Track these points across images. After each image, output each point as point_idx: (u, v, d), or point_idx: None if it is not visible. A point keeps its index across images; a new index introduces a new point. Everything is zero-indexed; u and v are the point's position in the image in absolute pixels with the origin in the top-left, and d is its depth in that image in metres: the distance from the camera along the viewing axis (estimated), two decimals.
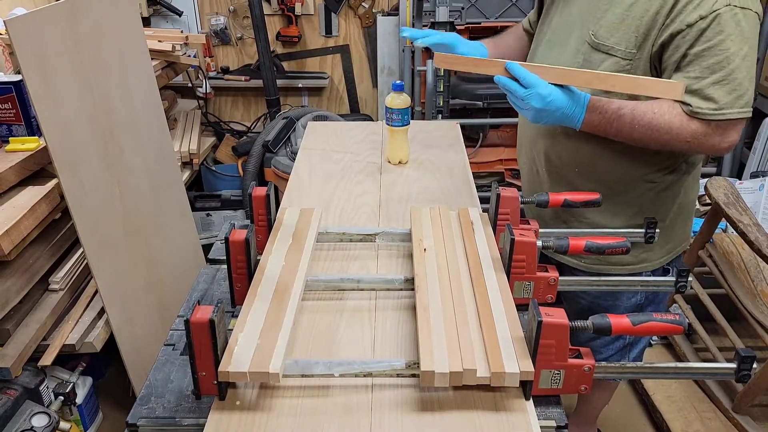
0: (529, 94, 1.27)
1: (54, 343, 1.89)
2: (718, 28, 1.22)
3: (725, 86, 1.24)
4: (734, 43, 1.22)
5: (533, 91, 1.26)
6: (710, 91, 1.25)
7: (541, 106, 1.27)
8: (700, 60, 1.24)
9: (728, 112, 1.25)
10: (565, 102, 1.28)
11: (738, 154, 3.34)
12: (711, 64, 1.24)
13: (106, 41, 2.06)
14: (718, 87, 1.24)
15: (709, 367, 1.05)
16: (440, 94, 3.07)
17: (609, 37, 1.33)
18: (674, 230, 1.55)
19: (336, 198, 1.56)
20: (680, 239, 1.59)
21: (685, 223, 1.58)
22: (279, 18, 3.65)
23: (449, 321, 1.03)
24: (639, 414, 2.39)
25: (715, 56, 1.23)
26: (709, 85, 1.24)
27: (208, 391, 0.95)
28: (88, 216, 1.86)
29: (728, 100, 1.24)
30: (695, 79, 1.25)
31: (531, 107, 1.28)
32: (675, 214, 1.52)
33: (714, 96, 1.25)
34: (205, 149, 3.34)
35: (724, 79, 1.23)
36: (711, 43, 1.23)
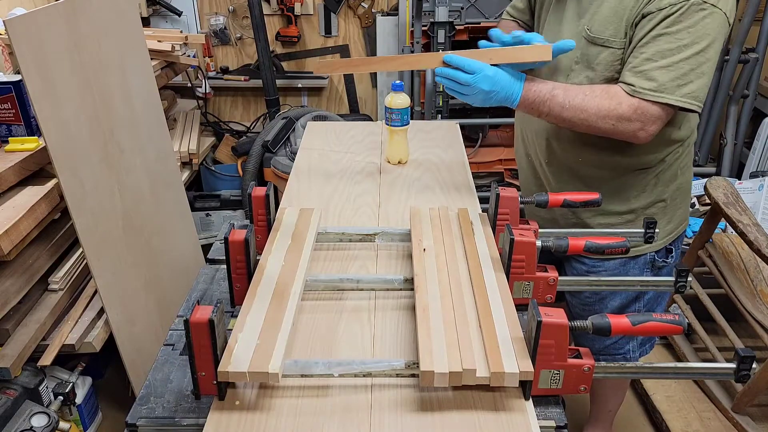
0: (477, 78, 1.31)
1: (53, 343, 1.89)
2: (680, 18, 1.26)
3: (670, 72, 1.28)
4: (691, 35, 1.26)
5: (481, 75, 1.31)
6: (655, 73, 1.29)
7: (489, 87, 1.31)
8: (656, 43, 1.29)
9: (667, 96, 1.29)
10: (508, 81, 1.33)
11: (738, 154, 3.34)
12: (663, 50, 1.28)
13: (106, 41, 2.05)
14: (663, 71, 1.28)
15: (708, 367, 1.05)
16: (440, 94, 3.07)
17: (604, 30, 1.37)
18: (675, 210, 1.58)
19: (335, 198, 1.56)
20: (681, 219, 1.62)
21: (684, 201, 1.61)
22: (278, 18, 3.65)
23: (449, 321, 1.03)
24: (639, 414, 2.39)
25: (669, 42, 1.28)
26: (656, 68, 1.29)
27: (207, 391, 0.95)
28: (88, 216, 1.86)
29: (669, 84, 1.28)
30: (646, 60, 1.30)
31: (480, 90, 1.31)
32: (674, 194, 1.56)
33: (656, 77, 1.29)
34: (204, 149, 3.33)
35: (671, 65, 1.28)
36: (669, 29, 1.27)
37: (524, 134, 1.67)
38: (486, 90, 1.31)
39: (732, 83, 3.28)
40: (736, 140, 3.33)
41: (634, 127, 1.32)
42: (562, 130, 1.50)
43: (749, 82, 3.24)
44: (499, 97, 1.34)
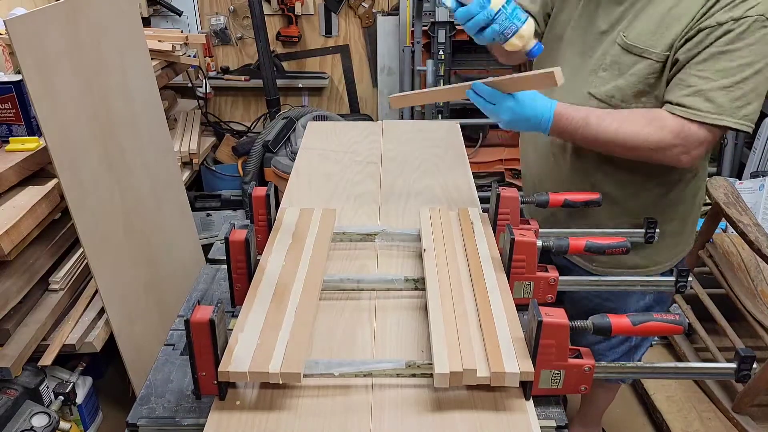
0: (498, 108, 1.29)
1: (54, 343, 1.89)
2: (743, 35, 1.19)
3: (730, 93, 1.21)
4: (753, 53, 1.19)
5: (502, 106, 1.29)
6: (714, 94, 1.21)
7: (510, 117, 1.29)
8: (715, 61, 1.21)
9: (725, 119, 1.22)
10: (530, 111, 1.29)
11: (738, 154, 3.34)
12: (724, 68, 1.21)
13: (106, 41, 2.05)
14: (723, 92, 1.21)
15: (709, 367, 1.06)
16: None
17: (643, 39, 1.29)
18: (684, 232, 1.55)
19: (336, 198, 1.56)
20: (689, 241, 1.59)
21: (693, 224, 1.58)
22: (279, 18, 3.65)
23: (449, 321, 1.03)
24: (639, 414, 2.39)
25: (730, 60, 1.20)
26: (716, 88, 1.21)
27: (208, 391, 0.95)
28: (88, 216, 1.86)
29: (728, 106, 1.21)
30: (705, 79, 1.22)
31: (502, 119, 1.31)
32: (687, 214, 1.52)
33: (716, 99, 1.21)
34: (205, 149, 3.33)
35: (731, 86, 1.21)
36: (732, 46, 1.20)
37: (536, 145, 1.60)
38: (507, 120, 1.30)
39: None
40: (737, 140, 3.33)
41: (677, 151, 1.26)
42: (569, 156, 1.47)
43: None
44: (526, 126, 1.31)
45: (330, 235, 1.32)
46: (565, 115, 1.30)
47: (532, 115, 1.29)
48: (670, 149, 1.26)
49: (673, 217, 1.49)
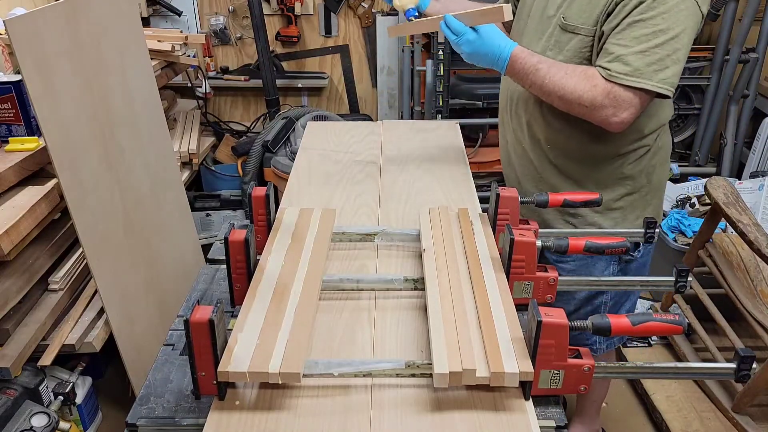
0: (459, 40, 1.40)
1: (53, 343, 1.89)
2: (654, 4, 1.29)
3: (646, 57, 1.31)
4: (665, 21, 1.29)
5: (462, 38, 1.39)
6: (631, 58, 1.31)
7: (470, 50, 1.40)
8: (632, 29, 1.32)
9: (643, 81, 1.31)
10: (489, 47, 1.39)
11: (738, 154, 3.34)
12: (639, 35, 1.31)
13: (106, 41, 2.05)
14: (639, 56, 1.31)
15: (708, 367, 1.06)
16: (440, 94, 3.07)
17: (576, 18, 1.42)
18: (646, 206, 1.61)
19: (335, 198, 1.56)
20: (652, 214, 1.63)
21: (655, 197, 1.64)
22: (278, 18, 3.65)
23: (449, 321, 1.03)
24: (638, 414, 2.39)
25: (645, 28, 1.30)
26: (632, 53, 1.31)
27: (207, 391, 0.95)
28: (88, 216, 1.86)
29: (645, 69, 1.31)
30: (622, 46, 1.32)
31: (463, 51, 1.42)
32: (645, 189, 1.59)
33: (632, 63, 1.31)
34: (204, 149, 3.33)
35: (647, 50, 1.31)
36: (645, 15, 1.30)
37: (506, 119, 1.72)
38: (467, 52, 1.41)
39: (732, 83, 3.28)
40: (736, 140, 3.34)
41: (607, 112, 1.35)
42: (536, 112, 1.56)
43: (749, 82, 3.24)
44: (484, 61, 1.42)
45: (330, 235, 1.32)
46: (521, 58, 1.40)
47: (490, 50, 1.40)
48: (601, 109, 1.36)
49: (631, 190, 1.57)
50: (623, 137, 1.49)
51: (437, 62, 3.00)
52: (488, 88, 3.09)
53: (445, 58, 2.99)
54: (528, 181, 1.68)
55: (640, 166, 1.55)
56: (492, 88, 3.08)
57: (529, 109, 1.59)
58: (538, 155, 1.62)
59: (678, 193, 3.09)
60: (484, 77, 3.19)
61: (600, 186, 1.56)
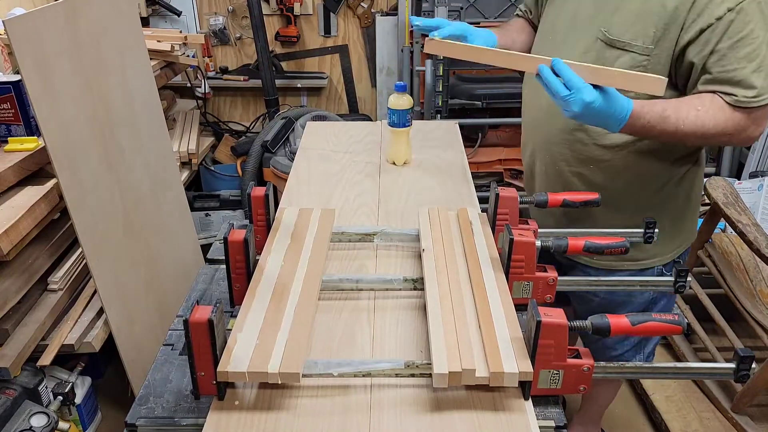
0: (572, 97, 1.19)
1: (53, 343, 1.88)
2: (746, 19, 1.23)
3: (761, 72, 1.25)
4: (762, 30, 1.24)
5: (576, 96, 1.19)
6: (752, 79, 1.25)
7: (580, 111, 1.20)
8: (734, 51, 1.25)
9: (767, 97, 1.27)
10: (605, 109, 1.22)
11: (737, 154, 3.34)
12: (747, 54, 1.25)
13: (106, 41, 2.05)
14: (757, 75, 1.25)
15: (708, 367, 1.06)
16: (439, 94, 3.07)
17: (624, 32, 1.32)
18: (684, 223, 1.56)
19: (335, 198, 1.56)
20: (690, 232, 1.60)
21: (693, 215, 1.60)
22: (278, 18, 3.65)
23: (448, 321, 1.03)
24: (638, 414, 2.39)
25: (748, 46, 1.24)
26: (749, 74, 1.25)
27: (207, 391, 0.95)
28: (88, 216, 1.86)
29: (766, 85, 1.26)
30: (735, 70, 1.26)
31: (571, 110, 1.21)
32: (684, 207, 1.54)
33: (755, 83, 1.25)
34: (203, 149, 3.33)
35: (760, 66, 1.25)
36: (742, 34, 1.24)
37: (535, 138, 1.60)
38: (576, 112, 1.20)
39: None
40: None
41: (750, 131, 1.30)
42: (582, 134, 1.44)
43: None
44: (593, 121, 1.25)
45: (329, 235, 1.32)
46: (643, 116, 1.26)
47: (612, 111, 1.23)
48: (744, 131, 1.30)
49: (669, 213, 1.51)
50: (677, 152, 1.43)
51: (436, 62, 3.00)
52: (488, 88, 3.09)
53: (444, 58, 2.99)
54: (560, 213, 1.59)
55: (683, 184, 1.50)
56: (492, 88, 3.08)
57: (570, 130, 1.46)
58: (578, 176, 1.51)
59: None
60: (484, 77, 3.19)
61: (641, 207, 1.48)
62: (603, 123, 1.25)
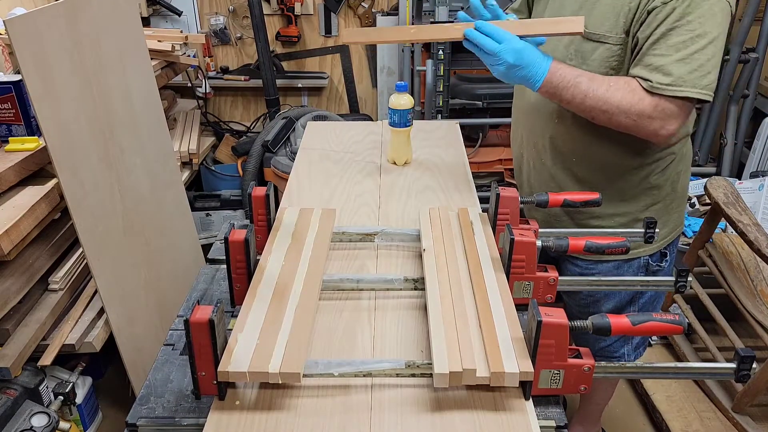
0: (503, 48, 1.27)
1: (53, 343, 1.89)
2: (689, 9, 1.24)
3: (687, 64, 1.26)
4: (702, 25, 1.25)
5: (508, 45, 1.27)
6: (672, 67, 1.26)
7: (514, 60, 1.27)
8: (668, 37, 1.27)
9: (687, 89, 1.26)
10: (534, 58, 1.29)
11: (738, 154, 3.34)
12: (677, 42, 1.26)
13: (106, 41, 2.05)
14: (680, 64, 1.26)
15: (708, 367, 1.05)
16: (440, 94, 3.07)
17: (600, 26, 1.36)
18: (671, 214, 1.58)
19: (335, 198, 1.56)
20: (676, 223, 1.61)
21: (680, 206, 1.61)
22: (278, 18, 3.65)
23: (449, 321, 1.03)
24: (639, 414, 2.39)
25: (682, 35, 1.25)
26: (672, 62, 1.26)
27: (207, 390, 0.95)
28: (88, 216, 1.86)
29: (687, 77, 1.26)
30: (660, 56, 1.27)
31: (504, 61, 1.28)
32: (670, 198, 1.55)
33: (674, 71, 1.26)
34: (204, 149, 3.33)
35: (687, 57, 1.25)
36: (680, 22, 1.25)
37: (522, 132, 1.65)
38: (510, 62, 1.27)
39: (732, 83, 3.28)
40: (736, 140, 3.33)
41: (655, 125, 1.30)
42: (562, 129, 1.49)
43: (749, 81, 3.24)
44: (522, 74, 1.30)
45: (330, 235, 1.32)
46: (560, 70, 1.31)
47: (532, 62, 1.29)
48: (650, 122, 1.30)
49: (656, 200, 1.53)
50: (654, 146, 1.44)
51: (437, 62, 3.00)
52: (488, 88, 3.09)
53: (444, 58, 2.99)
54: None
55: (666, 174, 1.51)
56: (492, 88, 3.08)
57: (552, 124, 1.51)
58: (561, 169, 1.55)
59: None
60: (484, 77, 3.19)
61: (626, 197, 1.52)
62: (528, 75, 1.30)
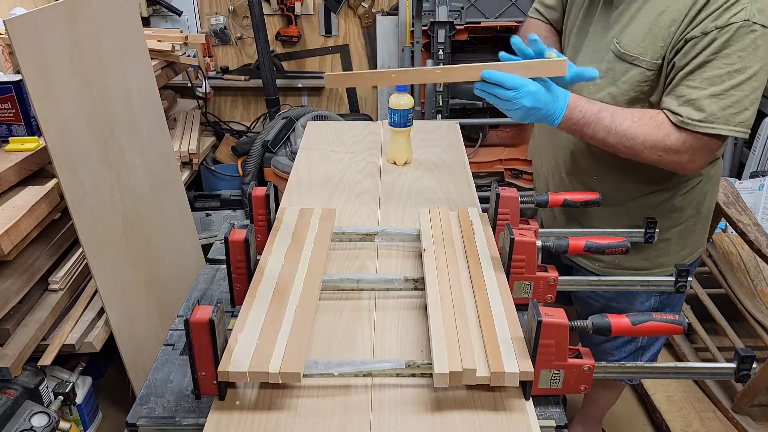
0: (520, 94, 1.22)
1: (54, 343, 1.88)
2: (729, 41, 1.17)
3: (722, 100, 1.19)
4: (742, 60, 1.17)
5: (524, 90, 1.22)
6: (704, 102, 1.20)
7: (531, 104, 1.23)
8: (703, 70, 1.20)
9: (719, 127, 1.20)
10: (550, 98, 1.25)
11: (738, 154, 3.34)
12: (712, 76, 1.19)
13: (106, 41, 2.05)
14: (714, 100, 1.19)
15: (708, 367, 1.06)
16: (440, 94, 3.07)
17: (634, 47, 1.29)
18: (694, 235, 1.52)
19: (335, 198, 1.56)
20: (698, 244, 1.56)
21: (704, 227, 1.55)
22: (278, 18, 3.64)
23: (449, 321, 1.03)
24: (639, 414, 2.39)
25: (717, 68, 1.19)
26: (705, 96, 1.20)
27: (207, 390, 0.95)
28: (88, 216, 1.86)
29: (720, 114, 1.20)
30: (694, 88, 1.21)
31: (522, 106, 1.23)
32: (693, 220, 1.50)
33: (706, 107, 1.20)
34: (204, 149, 3.33)
35: (722, 93, 1.19)
36: (717, 55, 1.18)
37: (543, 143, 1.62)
38: (528, 106, 1.23)
39: None
40: (736, 140, 3.33)
41: (683, 159, 1.25)
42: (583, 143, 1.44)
43: None
44: (540, 114, 1.26)
45: (330, 235, 1.32)
46: (579, 106, 1.27)
47: (549, 103, 1.25)
48: (676, 156, 1.25)
49: (678, 221, 1.48)
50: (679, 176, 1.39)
51: (437, 62, 3.00)
52: None
53: (444, 58, 2.99)
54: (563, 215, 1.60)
55: (691, 196, 1.46)
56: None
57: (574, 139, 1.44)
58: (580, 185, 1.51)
59: None
60: None
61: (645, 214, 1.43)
62: (547, 114, 1.26)
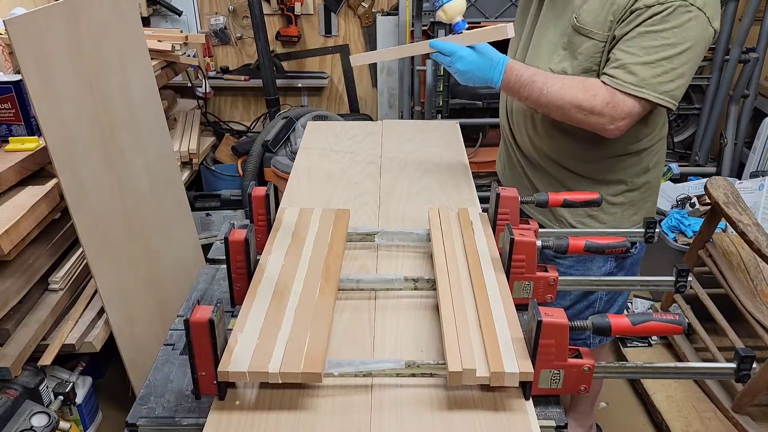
0: (453, 60, 1.41)
1: (54, 343, 1.89)
2: (667, 17, 1.29)
3: (653, 69, 1.31)
4: (675, 35, 1.30)
5: (455, 56, 1.41)
6: (637, 68, 1.32)
7: (464, 68, 1.41)
8: (641, 39, 1.32)
9: (647, 92, 1.32)
10: (484, 62, 1.41)
11: (738, 154, 3.34)
12: (648, 46, 1.31)
13: (106, 41, 2.05)
14: (646, 67, 1.31)
15: (708, 366, 1.06)
16: (440, 94, 3.07)
17: (591, 21, 1.40)
18: (642, 204, 1.63)
19: (335, 198, 1.56)
20: (647, 213, 1.65)
21: (651, 196, 1.65)
22: (278, 18, 3.65)
23: (449, 321, 1.03)
24: (639, 414, 2.39)
25: (653, 40, 1.31)
26: (638, 63, 1.32)
27: (207, 390, 0.95)
28: (88, 216, 1.86)
29: (650, 80, 1.31)
30: (629, 54, 1.33)
31: (457, 70, 1.42)
32: (642, 187, 1.60)
33: (638, 72, 1.32)
34: (204, 149, 3.33)
35: (654, 62, 1.31)
36: (656, 27, 1.30)
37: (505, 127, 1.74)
38: (462, 69, 1.41)
39: (732, 83, 3.28)
40: (737, 140, 3.34)
41: (604, 120, 1.36)
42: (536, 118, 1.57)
43: (749, 82, 3.24)
44: (478, 77, 1.42)
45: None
46: (516, 70, 1.41)
47: (487, 63, 1.41)
48: (599, 116, 1.36)
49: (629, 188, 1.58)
50: (620, 141, 1.50)
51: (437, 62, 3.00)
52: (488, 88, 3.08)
53: None
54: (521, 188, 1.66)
55: (637, 167, 1.57)
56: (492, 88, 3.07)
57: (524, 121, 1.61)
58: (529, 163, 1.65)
59: (678, 193, 3.09)
60: None
61: (598, 184, 1.57)
62: (485, 77, 1.42)
